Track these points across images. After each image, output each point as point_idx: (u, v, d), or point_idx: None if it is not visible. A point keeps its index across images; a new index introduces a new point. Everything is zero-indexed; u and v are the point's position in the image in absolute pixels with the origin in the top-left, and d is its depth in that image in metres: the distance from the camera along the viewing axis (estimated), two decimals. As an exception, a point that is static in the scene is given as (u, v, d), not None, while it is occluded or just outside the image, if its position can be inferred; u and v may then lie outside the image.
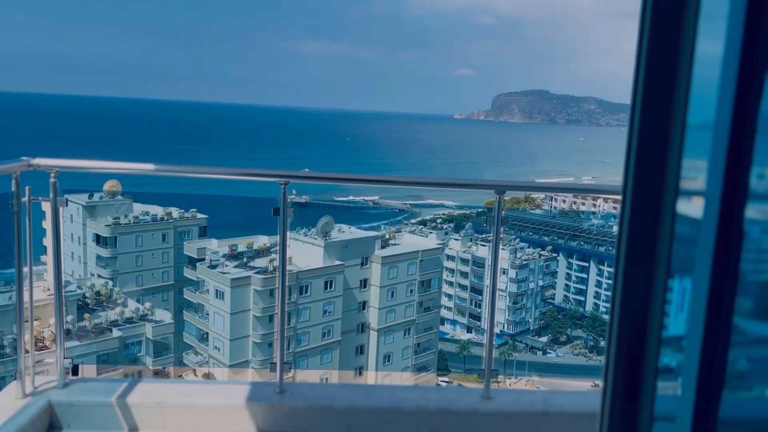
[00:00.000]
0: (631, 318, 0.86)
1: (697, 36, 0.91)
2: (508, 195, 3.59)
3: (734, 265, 0.76)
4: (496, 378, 3.54)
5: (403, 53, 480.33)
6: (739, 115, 0.77)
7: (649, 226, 0.85)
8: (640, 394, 0.84)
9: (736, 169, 0.76)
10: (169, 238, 11.12)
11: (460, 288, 15.77)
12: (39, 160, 3.20)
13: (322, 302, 11.05)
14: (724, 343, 0.76)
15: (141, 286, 10.85)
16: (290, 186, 3.49)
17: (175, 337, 10.75)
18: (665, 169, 0.88)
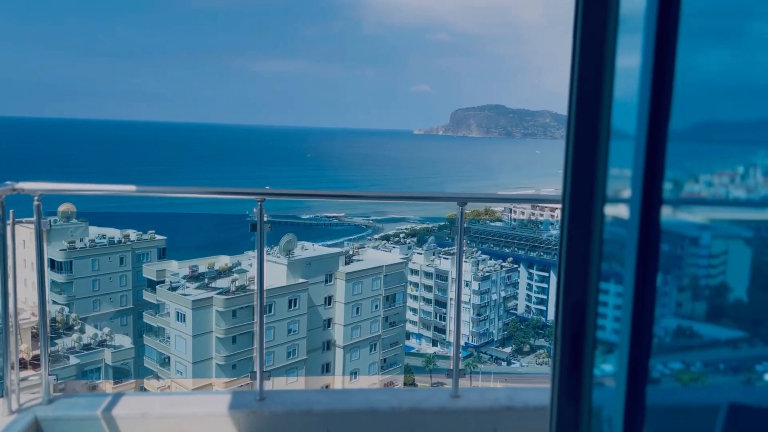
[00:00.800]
0: (573, 299, 1.00)
1: (617, 50, 0.99)
2: (470, 207, 3.70)
3: (654, 257, 0.87)
4: (463, 377, 3.77)
5: (361, 70, 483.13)
6: (653, 125, 0.85)
7: (585, 221, 0.98)
8: (583, 363, 0.98)
9: (653, 176, 0.85)
10: (127, 261, 10.90)
11: (425, 302, 15.86)
12: (23, 184, 3.27)
13: (287, 321, 10.97)
14: (649, 318, 0.89)
15: (99, 311, 10.59)
16: (252, 204, 3.52)
17: (135, 362, 10.49)
18: (595, 178, 0.99)
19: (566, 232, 1.05)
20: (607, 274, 1.04)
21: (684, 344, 1.09)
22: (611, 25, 0.95)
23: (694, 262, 1.10)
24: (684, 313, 1.10)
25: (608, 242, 1.01)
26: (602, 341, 1.08)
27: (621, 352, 0.95)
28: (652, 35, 0.83)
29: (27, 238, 3.53)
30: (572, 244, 1.05)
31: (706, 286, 1.13)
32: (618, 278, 1.01)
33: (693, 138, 1.02)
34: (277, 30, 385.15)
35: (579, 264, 1.07)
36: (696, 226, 1.06)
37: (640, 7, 0.85)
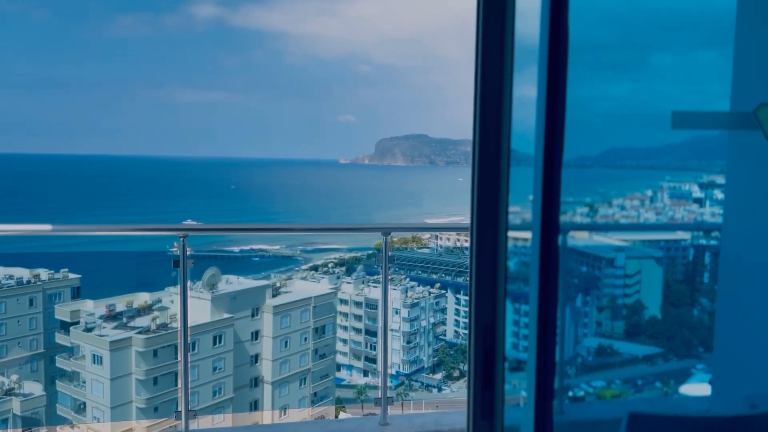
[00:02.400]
0: (483, 321, 1.05)
1: (514, 82, 1.06)
2: (396, 235, 3.76)
3: (554, 281, 0.92)
4: (392, 405, 3.80)
5: (284, 101, 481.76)
6: (548, 152, 0.92)
7: (491, 246, 1.03)
8: (494, 381, 1.03)
9: (550, 201, 0.91)
10: (38, 302, 10.24)
11: (355, 331, 15.75)
12: None
13: (212, 358, 10.59)
14: (553, 337, 0.94)
15: (5, 357, 9.86)
16: (172, 239, 3.44)
17: (47, 410, 9.80)
18: (498, 205, 1.05)
19: (474, 257, 1.11)
20: (517, 296, 1.08)
21: (604, 362, 1.14)
22: (507, 58, 1.01)
23: (611, 282, 1.16)
24: (603, 332, 1.15)
25: (514, 266, 1.06)
26: (514, 360, 1.13)
27: (529, 371, 1.00)
28: (545, 67, 0.89)
29: None
30: (480, 269, 1.10)
31: (623, 305, 1.18)
32: (525, 300, 1.06)
33: (605, 164, 1.08)
34: (196, 61, 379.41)
35: (487, 288, 1.13)
36: (612, 248, 1.11)
37: (535, 41, 0.91)
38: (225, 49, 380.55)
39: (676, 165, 1.34)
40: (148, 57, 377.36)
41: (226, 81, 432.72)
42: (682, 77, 1.32)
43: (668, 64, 1.26)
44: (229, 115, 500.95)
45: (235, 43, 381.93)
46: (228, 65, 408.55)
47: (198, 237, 12.19)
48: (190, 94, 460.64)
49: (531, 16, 0.97)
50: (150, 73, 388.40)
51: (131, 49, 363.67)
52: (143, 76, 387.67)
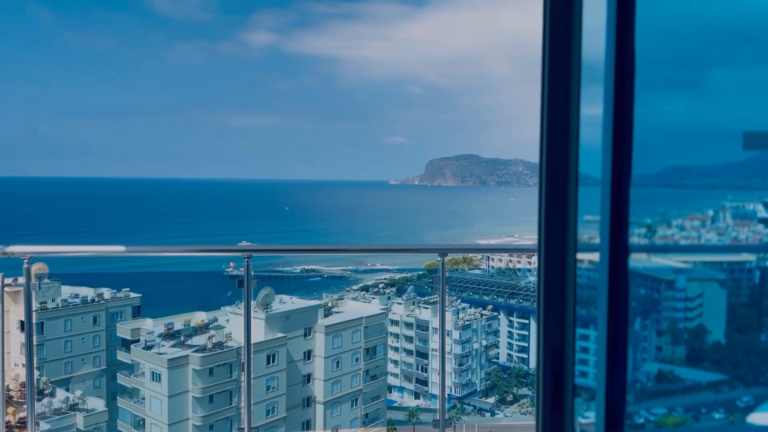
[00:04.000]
0: (552, 343, 1.02)
1: (582, 100, 1.04)
2: (449, 256, 3.73)
3: (624, 303, 0.89)
4: (450, 427, 3.71)
5: (335, 123, 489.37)
6: (616, 171, 0.90)
7: (560, 268, 1.01)
8: (564, 404, 1.00)
9: (618, 221, 0.89)
10: (101, 321, 10.63)
11: (406, 353, 15.65)
12: (13, 248, 3.30)
13: (265, 377, 10.71)
14: (623, 362, 0.91)
15: (70, 373, 10.24)
16: (229, 260, 3.52)
17: (108, 425, 10.10)
18: (566, 226, 1.03)
19: (543, 279, 1.09)
20: (585, 319, 1.06)
21: (665, 388, 1.10)
22: (575, 76, 1.00)
23: (671, 306, 1.12)
24: (664, 357, 1.11)
25: (583, 287, 1.04)
26: (582, 386, 1.11)
27: (599, 396, 0.97)
28: (611, 85, 0.88)
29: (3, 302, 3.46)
30: (548, 290, 1.08)
31: (684, 329, 1.14)
32: (594, 322, 1.03)
33: (663, 183, 1.06)
34: (251, 86, 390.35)
35: (556, 309, 1.11)
36: (671, 269, 1.08)
37: (600, 58, 0.90)
38: (278, 74, 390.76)
39: (739, 184, 1.28)
40: (206, 83, 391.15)
41: (279, 105, 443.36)
42: (743, 94, 1.28)
43: (729, 81, 1.22)
44: (283, 138, 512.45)
45: (288, 69, 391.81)
46: (281, 90, 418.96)
47: (253, 258, 12.36)
48: (245, 118, 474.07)
49: (596, 34, 0.96)
50: (207, 98, 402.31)
51: (189, 75, 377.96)
52: (201, 101, 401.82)
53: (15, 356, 10.77)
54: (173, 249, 3.81)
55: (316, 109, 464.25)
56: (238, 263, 3.58)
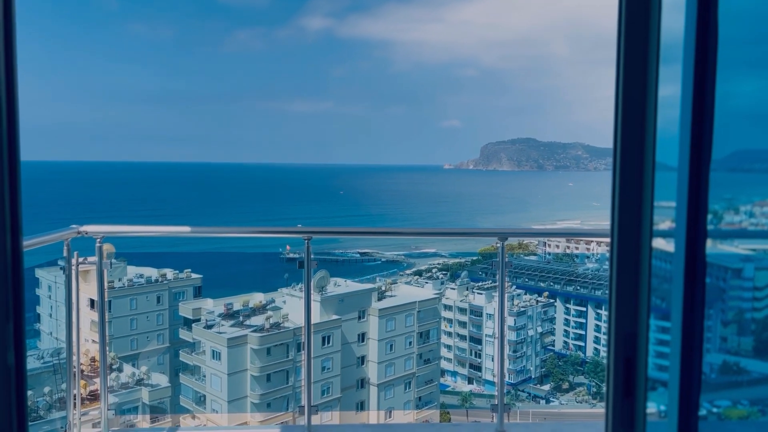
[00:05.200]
0: (625, 329, 1.00)
1: (660, 79, 0.99)
2: (510, 241, 3.68)
3: (701, 288, 0.85)
4: (508, 412, 3.70)
5: (389, 108, 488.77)
6: (695, 155, 0.86)
7: (633, 253, 0.98)
8: (636, 390, 0.97)
9: (696, 207, 0.85)
10: (164, 300, 11.05)
11: (459, 338, 15.61)
12: (87, 228, 3.51)
13: (321, 358, 10.91)
14: (699, 351, 0.88)
15: (136, 350, 10.72)
16: (292, 241, 3.57)
17: (171, 400, 10.53)
18: (641, 211, 0.99)
19: (615, 264, 1.07)
20: (657, 308, 1.03)
21: (730, 380, 1.06)
22: (652, 56, 0.95)
23: (738, 295, 1.07)
24: (730, 348, 1.07)
25: (656, 275, 1.02)
26: (653, 377, 1.07)
27: (671, 385, 0.94)
28: (691, 64, 0.83)
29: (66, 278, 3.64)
30: (621, 275, 1.06)
31: (752, 319, 1.09)
32: (666, 310, 1.00)
33: (731, 167, 1.00)
34: (307, 72, 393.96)
35: (629, 294, 1.08)
36: (738, 257, 1.03)
37: (679, 36, 0.85)
38: (333, 59, 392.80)
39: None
40: (263, 70, 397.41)
41: (334, 91, 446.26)
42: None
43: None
44: (337, 123, 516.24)
45: (343, 54, 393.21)
46: (336, 75, 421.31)
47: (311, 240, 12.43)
48: (300, 104, 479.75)
49: (673, 10, 0.91)
50: (264, 85, 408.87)
51: (247, 62, 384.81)
52: (258, 88, 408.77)
53: (85, 333, 11.34)
54: (235, 230, 3.91)
55: (370, 93, 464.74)
56: (294, 247, 3.64)
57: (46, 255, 3.45)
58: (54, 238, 3.41)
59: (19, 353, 0.78)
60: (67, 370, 3.50)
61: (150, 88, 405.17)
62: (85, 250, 3.40)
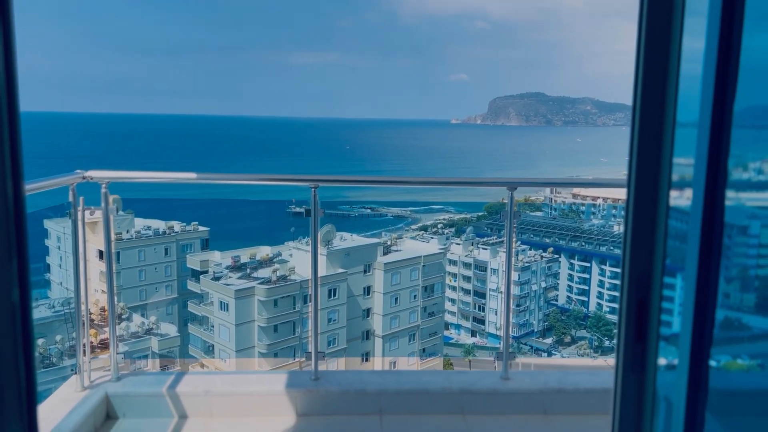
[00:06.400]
0: (639, 269, 1.01)
1: (684, 32, 0.97)
2: (519, 192, 3.68)
3: (718, 234, 0.86)
4: (513, 360, 3.79)
5: (396, 60, 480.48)
6: (717, 110, 0.85)
7: (651, 199, 0.99)
8: (648, 333, 0.99)
9: (717, 161, 0.85)
10: (172, 252, 11.18)
11: (463, 292, 15.79)
12: (92, 173, 3.54)
13: (327, 311, 11.08)
14: (714, 299, 0.89)
15: (145, 300, 10.90)
16: (293, 197, 3.59)
17: (180, 350, 10.78)
18: (660, 162, 1.00)
19: (632, 197, 1.06)
20: (672, 251, 1.04)
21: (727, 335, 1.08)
22: (677, 8, 0.94)
23: (743, 252, 1.07)
24: (731, 304, 1.08)
25: (672, 218, 1.03)
26: (667, 311, 1.09)
27: (684, 329, 0.96)
28: (717, 17, 0.82)
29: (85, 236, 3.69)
30: (637, 209, 1.06)
31: (756, 276, 1.10)
32: (681, 257, 1.01)
33: (741, 124, 0.99)
34: (312, 23, 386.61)
35: (644, 231, 1.08)
36: (745, 214, 1.03)
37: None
38: (339, 10, 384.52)
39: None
40: (267, 20, 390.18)
41: (340, 42, 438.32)
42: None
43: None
44: (343, 76, 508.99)
45: (349, 4, 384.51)
46: (342, 26, 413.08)
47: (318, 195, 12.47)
48: (306, 56, 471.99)
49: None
50: (269, 37, 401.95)
51: (252, 12, 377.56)
52: (263, 40, 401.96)
53: (94, 283, 11.52)
54: (241, 177, 3.91)
55: (377, 45, 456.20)
56: (300, 198, 3.65)
57: (52, 201, 3.47)
58: (58, 183, 3.40)
59: (24, 290, 0.80)
60: (76, 321, 3.56)
61: (154, 38, 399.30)
62: (91, 200, 3.42)
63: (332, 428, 3.49)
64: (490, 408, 3.65)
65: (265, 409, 3.60)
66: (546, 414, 3.60)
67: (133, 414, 3.56)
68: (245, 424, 3.52)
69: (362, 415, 3.59)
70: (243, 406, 3.62)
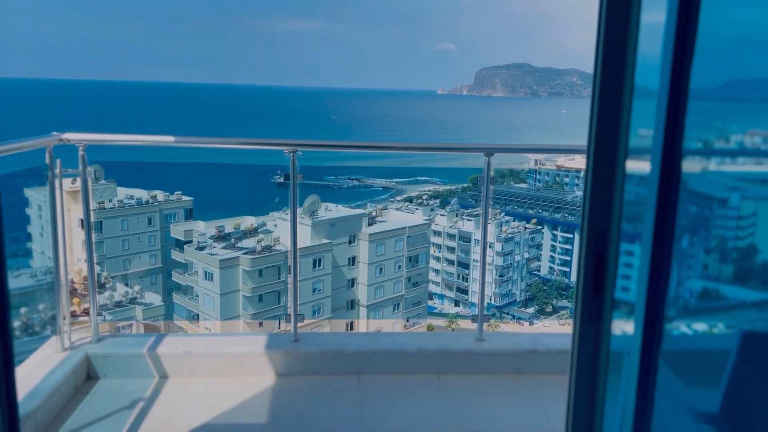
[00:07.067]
0: (597, 226, 1.07)
1: (643, 6, 0.99)
2: (494, 168, 3.70)
3: (672, 211, 0.90)
4: (488, 322, 3.88)
5: (383, 29, 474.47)
6: (675, 80, 0.88)
7: (609, 154, 1.04)
8: (605, 286, 1.06)
9: (674, 129, 0.89)
10: (155, 221, 11.11)
11: (448, 263, 15.92)
12: (69, 135, 3.50)
13: (312, 280, 11.13)
14: (668, 248, 0.93)
15: (128, 270, 10.86)
16: (278, 168, 3.58)
17: (165, 319, 10.80)
18: (618, 132, 1.05)
19: (591, 165, 1.12)
20: (629, 210, 1.09)
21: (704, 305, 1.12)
22: None
23: (722, 224, 1.10)
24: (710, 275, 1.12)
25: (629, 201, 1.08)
26: (624, 265, 1.14)
27: (639, 302, 1.01)
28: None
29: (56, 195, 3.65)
30: (597, 172, 1.11)
31: (734, 247, 1.13)
32: (639, 218, 1.05)
33: (724, 97, 1.01)
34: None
35: (603, 191, 1.14)
36: (725, 186, 1.06)
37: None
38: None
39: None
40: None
41: (326, 10, 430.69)
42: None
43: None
44: (329, 45, 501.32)
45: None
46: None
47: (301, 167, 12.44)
48: (291, 23, 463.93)
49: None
50: (253, 4, 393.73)
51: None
52: (248, 6, 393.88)
53: (77, 252, 11.45)
54: (219, 141, 3.89)
55: (362, 13, 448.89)
56: (285, 170, 3.65)
57: (30, 165, 3.43)
58: (35, 144, 3.37)
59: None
60: (55, 280, 3.56)
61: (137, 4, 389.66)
62: (70, 165, 3.39)
63: (311, 387, 3.55)
64: (464, 368, 3.74)
65: (245, 370, 3.65)
66: (518, 374, 3.71)
67: (114, 374, 3.59)
68: (226, 383, 3.57)
69: (340, 375, 3.67)
70: (223, 366, 3.66)
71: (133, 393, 3.43)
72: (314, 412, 3.29)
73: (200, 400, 3.38)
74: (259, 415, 3.26)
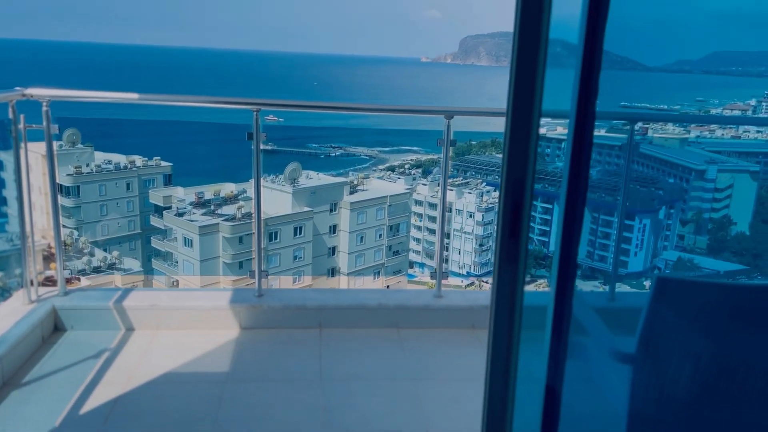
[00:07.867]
0: (515, 176, 1.16)
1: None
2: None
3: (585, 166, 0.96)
4: (446, 279, 4.10)
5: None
6: (589, 45, 0.93)
7: (526, 114, 1.11)
8: (520, 231, 1.16)
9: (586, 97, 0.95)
10: (134, 187, 10.98)
11: (428, 232, 16.00)
12: (32, 90, 3.47)
13: (292, 248, 11.14)
14: (581, 202, 1.00)
15: (107, 235, 10.76)
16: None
17: (144, 284, 10.75)
18: (533, 95, 1.14)
19: (510, 119, 1.22)
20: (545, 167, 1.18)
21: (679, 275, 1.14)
22: None
23: (699, 196, 1.12)
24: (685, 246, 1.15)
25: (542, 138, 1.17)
26: (538, 215, 1.22)
27: (554, 226, 1.10)
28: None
29: (32, 162, 3.60)
30: (515, 127, 1.21)
31: (710, 219, 1.16)
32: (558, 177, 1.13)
33: (706, 69, 1.01)
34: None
35: (520, 145, 1.24)
36: (704, 158, 1.08)
37: None
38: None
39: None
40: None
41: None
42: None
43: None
44: (310, 8, 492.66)
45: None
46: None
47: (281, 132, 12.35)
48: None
49: None
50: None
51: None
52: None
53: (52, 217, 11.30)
54: (184, 99, 3.87)
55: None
56: (269, 138, 3.68)
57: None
58: (-4, 98, 3.34)
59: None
60: (20, 233, 3.56)
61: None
62: (34, 120, 3.34)
63: (273, 339, 3.69)
64: (422, 323, 3.95)
65: (209, 323, 3.77)
66: (474, 328, 3.94)
67: (81, 326, 3.68)
68: (190, 335, 3.68)
69: (303, 328, 3.83)
70: (188, 319, 3.77)
71: (100, 344, 3.53)
72: (275, 362, 3.44)
73: (164, 351, 3.50)
74: (221, 364, 3.40)
